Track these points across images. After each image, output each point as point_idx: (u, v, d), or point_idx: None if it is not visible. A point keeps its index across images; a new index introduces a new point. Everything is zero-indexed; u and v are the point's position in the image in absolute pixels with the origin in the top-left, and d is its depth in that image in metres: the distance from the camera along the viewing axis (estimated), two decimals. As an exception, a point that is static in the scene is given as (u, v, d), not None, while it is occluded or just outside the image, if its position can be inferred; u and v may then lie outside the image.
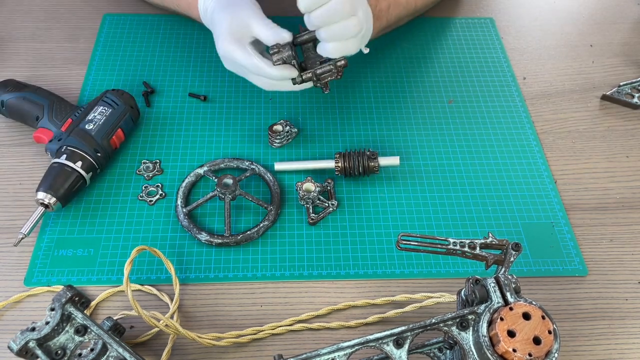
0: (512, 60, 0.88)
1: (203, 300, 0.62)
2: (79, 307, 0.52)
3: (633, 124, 0.81)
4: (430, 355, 0.54)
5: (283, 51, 0.64)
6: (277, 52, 0.64)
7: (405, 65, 0.86)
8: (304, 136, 0.77)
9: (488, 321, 0.45)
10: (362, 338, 0.46)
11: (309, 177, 0.70)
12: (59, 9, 0.91)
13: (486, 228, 0.68)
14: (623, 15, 0.97)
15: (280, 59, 0.64)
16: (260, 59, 0.65)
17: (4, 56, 0.84)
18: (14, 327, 0.59)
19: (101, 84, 0.81)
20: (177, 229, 0.67)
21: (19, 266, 0.63)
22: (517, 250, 0.51)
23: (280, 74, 0.65)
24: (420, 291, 0.63)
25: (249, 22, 0.66)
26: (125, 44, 0.86)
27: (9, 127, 0.75)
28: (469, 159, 0.75)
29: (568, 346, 0.60)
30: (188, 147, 0.75)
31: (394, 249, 0.66)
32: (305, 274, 0.64)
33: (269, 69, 0.65)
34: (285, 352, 0.57)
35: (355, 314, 0.62)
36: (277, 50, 0.64)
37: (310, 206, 0.68)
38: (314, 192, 0.68)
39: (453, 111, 0.81)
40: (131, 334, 0.59)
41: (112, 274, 0.63)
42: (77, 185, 0.66)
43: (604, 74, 0.87)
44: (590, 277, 0.65)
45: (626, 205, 0.72)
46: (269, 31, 0.64)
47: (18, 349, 0.48)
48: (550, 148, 0.77)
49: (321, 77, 0.66)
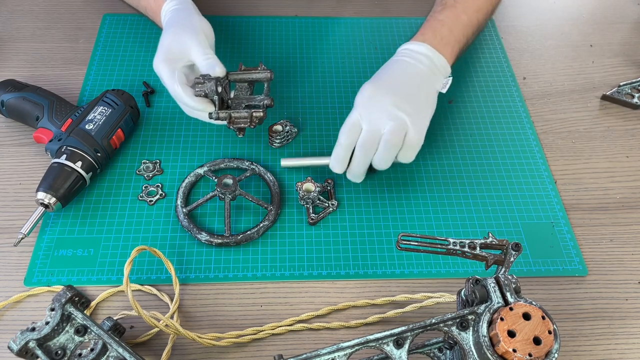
0: (512, 60, 0.88)
1: (203, 300, 0.62)
2: (79, 307, 0.52)
3: (633, 124, 0.81)
4: (430, 355, 0.54)
5: (207, 84, 0.64)
6: (201, 84, 0.64)
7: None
8: (304, 136, 0.77)
9: (488, 321, 0.45)
10: (362, 338, 0.46)
11: (309, 177, 0.70)
12: (59, 9, 0.91)
13: (486, 228, 0.68)
14: (623, 15, 0.97)
15: (202, 90, 0.64)
16: (180, 86, 0.65)
17: (4, 56, 0.84)
18: (14, 327, 0.59)
19: (101, 84, 0.81)
20: (177, 229, 0.67)
21: (19, 266, 0.63)
22: (517, 251, 0.51)
23: (195, 105, 0.65)
24: (420, 291, 0.63)
25: (190, 46, 0.67)
26: (125, 44, 0.86)
27: (9, 127, 0.75)
28: (469, 159, 0.75)
29: (568, 346, 0.60)
30: (188, 147, 0.75)
31: (394, 249, 0.66)
32: (305, 274, 0.64)
33: (186, 98, 0.65)
34: (285, 352, 0.57)
35: (355, 314, 0.62)
36: (202, 82, 0.64)
37: (310, 206, 0.68)
38: (314, 192, 0.68)
39: (453, 111, 0.81)
40: (131, 334, 0.59)
41: (112, 274, 0.63)
42: (77, 185, 0.66)
43: (604, 74, 0.87)
44: (590, 277, 0.65)
45: (626, 205, 0.72)
46: (205, 61, 0.66)
47: (18, 349, 0.48)
48: (550, 148, 0.77)
49: (236, 120, 0.66)
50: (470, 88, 0.84)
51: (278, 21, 0.91)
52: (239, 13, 0.92)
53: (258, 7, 0.93)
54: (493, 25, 0.93)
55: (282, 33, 0.90)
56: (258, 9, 0.93)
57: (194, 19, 0.71)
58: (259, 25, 0.91)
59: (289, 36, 0.89)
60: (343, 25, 0.92)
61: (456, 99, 0.82)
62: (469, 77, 0.85)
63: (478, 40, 0.90)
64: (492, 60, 0.88)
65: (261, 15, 0.92)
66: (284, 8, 0.94)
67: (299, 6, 0.94)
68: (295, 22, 0.92)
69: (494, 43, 0.90)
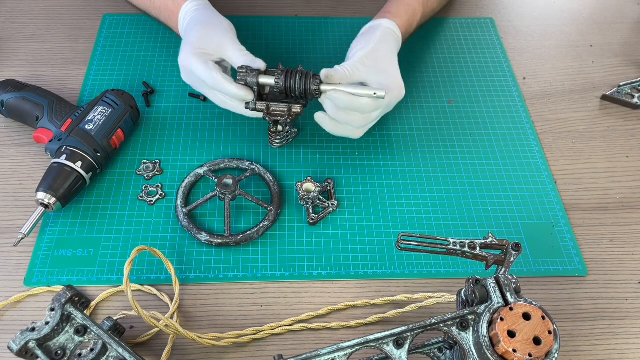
0: (512, 60, 0.88)
1: (203, 300, 0.62)
2: (79, 307, 0.52)
3: (633, 124, 0.81)
4: (430, 356, 0.54)
5: (250, 75, 0.64)
6: (244, 73, 0.64)
7: (405, 65, 0.86)
8: (304, 136, 0.77)
9: (488, 321, 0.45)
10: (362, 338, 0.46)
11: (309, 177, 0.70)
12: (59, 9, 0.91)
13: (486, 228, 0.68)
14: (623, 15, 0.97)
15: (244, 79, 0.64)
16: (219, 74, 0.65)
17: (4, 56, 0.84)
18: (14, 327, 0.59)
19: (101, 84, 0.81)
20: (177, 229, 0.67)
21: (19, 266, 0.63)
22: (517, 251, 0.51)
23: (236, 92, 0.65)
24: (420, 291, 0.63)
25: (224, 43, 0.67)
26: (125, 44, 0.86)
27: (9, 127, 0.75)
28: (469, 159, 0.75)
29: (568, 346, 0.60)
30: (188, 147, 0.75)
31: (394, 249, 0.66)
32: (305, 274, 0.64)
33: (227, 84, 0.65)
34: (285, 352, 0.57)
35: (355, 314, 0.62)
36: (246, 72, 0.64)
37: (310, 206, 0.68)
38: (314, 192, 0.68)
39: (453, 111, 0.81)
40: (131, 334, 0.59)
41: (112, 274, 0.63)
42: (77, 185, 0.66)
43: (604, 74, 0.87)
44: (590, 277, 0.65)
45: (626, 205, 0.72)
46: (243, 57, 0.66)
47: (18, 349, 0.48)
48: (550, 148, 0.77)
49: (272, 113, 0.67)
50: (470, 88, 0.84)
51: (278, 21, 0.91)
52: (239, 13, 0.92)
53: (258, 7, 0.93)
54: (493, 25, 0.93)
55: (282, 33, 0.90)
56: (258, 9, 0.93)
57: (220, 18, 0.71)
58: (259, 25, 0.91)
59: (289, 36, 0.89)
60: (343, 25, 0.92)
61: (456, 99, 0.82)
62: (469, 77, 0.85)
63: (478, 40, 0.90)
64: (492, 60, 0.88)
65: (261, 15, 0.92)
66: (283, 8, 0.94)
67: (298, 6, 0.94)
68: (295, 22, 0.92)
69: (494, 43, 0.90)
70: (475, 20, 0.94)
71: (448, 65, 0.87)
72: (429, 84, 0.84)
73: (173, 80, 0.82)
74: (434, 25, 0.92)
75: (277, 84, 0.65)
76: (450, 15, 0.94)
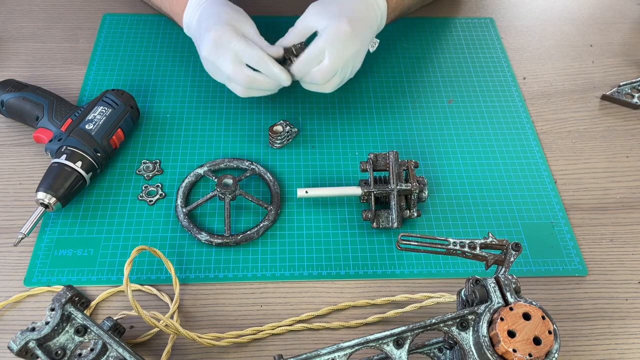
0: (512, 60, 0.88)
1: (203, 300, 0.62)
2: (79, 307, 0.52)
3: (633, 124, 0.81)
4: (430, 355, 0.54)
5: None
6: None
7: (405, 65, 0.86)
8: (304, 136, 0.77)
9: (488, 321, 0.45)
10: (362, 338, 0.46)
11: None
12: (59, 9, 0.91)
13: (486, 228, 0.68)
14: (623, 15, 0.97)
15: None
16: (264, 52, 0.66)
17: (4, 56, 0.84)
18: (14, 327, 0.59)
19: (101, 84, 0.81)
20: (177, 229, 0.67)
21: (19, 266, 0.63)
22: (517, 250, 0.51)
23: (279, 74, 0.66)
24: (420, 291, 0.63)
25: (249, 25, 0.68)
26: (125, 44, 0.86)
27: (9, 127, 0.75)
28: (469, 159, 0.75)
29: (568, 346, 0.60)
30: (188, 147, 0.75)
31: (394, 249, 0.66)
32: (305, 274, 0.64)
33: (271, 64, 0.66)
34: (285, 352, 0.57)
35: (355, 314, 0.62)
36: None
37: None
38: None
39: (453, 111, 0.81)
40: (131, 334, 0.59)
41: (112, 274, 0.63)
42: (77, 185, 0.66)
43: (604, 74, 0.87)
44: (590, 277, 0.65)
45: (626, 205, 0.72)
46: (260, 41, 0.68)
47: (18, 349, 0.48)
48: (550, 148, 0.77)
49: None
50: (470, 88, 0.84)
51: (278, 21, 0.91)
52: (239, 13, 0.92)
53: (258, 7, 0.93)
54: (493, 25, 0.93)
55: (282, 33, 0.90)
56: (258, 9, 0.93)
57: (239, 9, 0.72)
58: (259, 25, 0.90)
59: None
60: (343, 25, 0.92)
61: (456, 99, 0.82)
62: (469, 77, 0.85)
63: (478, 40, 0.90)
64: (492, 60, 0.88)
65: (261, 15, 0.92)
66: (283, 8, 0.94)
67: (298, 6, 0.94)
68: (295, 22, 0.92)
69: (494, 43, 0.90)
70: (475, 20, 0.94)
71: (448, 65, 0.87)
72: (429, 84, 0.84)
73: (173, 80, 0.82)
74: (434, 25, 0.92)
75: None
76: (450, 15, 0.94)
